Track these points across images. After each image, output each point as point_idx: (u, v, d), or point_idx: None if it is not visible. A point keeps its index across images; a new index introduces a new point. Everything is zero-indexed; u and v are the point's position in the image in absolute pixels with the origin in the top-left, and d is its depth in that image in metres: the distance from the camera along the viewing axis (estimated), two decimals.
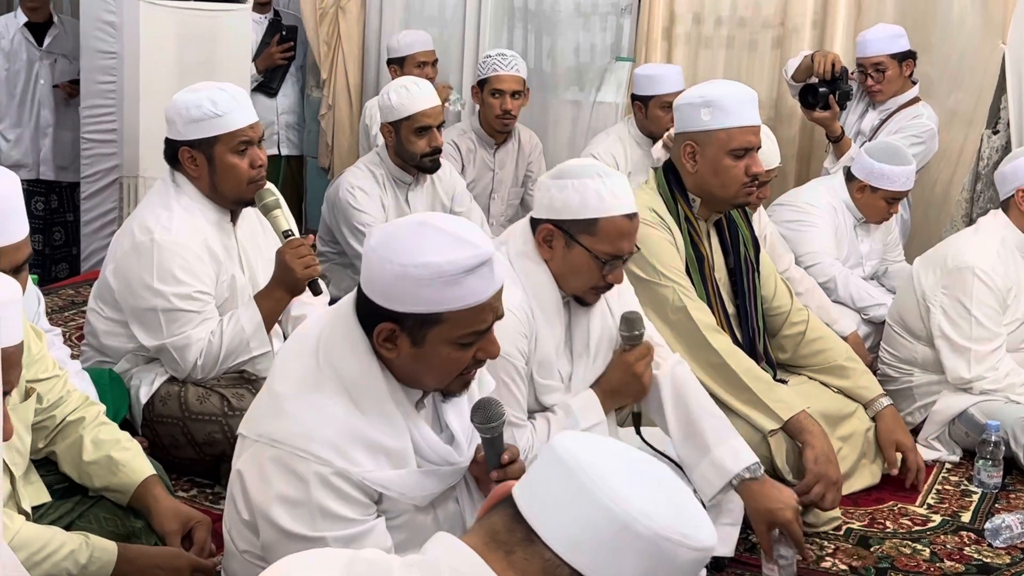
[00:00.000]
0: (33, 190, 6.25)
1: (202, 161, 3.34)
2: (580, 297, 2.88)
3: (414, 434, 2.18)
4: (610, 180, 2.77)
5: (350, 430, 2.09)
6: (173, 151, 3.37)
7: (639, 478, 1.36)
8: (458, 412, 2.31)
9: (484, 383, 2.45)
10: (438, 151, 4.43)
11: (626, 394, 2.92)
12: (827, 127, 5.14)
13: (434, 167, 4.46)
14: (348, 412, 2.10)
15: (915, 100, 5.19)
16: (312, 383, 2.13)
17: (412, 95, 4.34)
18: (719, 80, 3.55)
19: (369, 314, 2.11)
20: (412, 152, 4.37)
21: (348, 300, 2.19)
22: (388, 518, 2.18)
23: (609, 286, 2.84)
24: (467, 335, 2.10)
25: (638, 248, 2.90)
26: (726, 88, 3.42)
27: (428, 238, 2.05)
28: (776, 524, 2.87)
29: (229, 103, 3.33)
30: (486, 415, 2.21)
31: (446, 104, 5.26)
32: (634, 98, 5.38)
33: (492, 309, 2.11)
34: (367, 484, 2.10)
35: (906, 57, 5.14)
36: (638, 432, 2.92)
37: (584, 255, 2.77)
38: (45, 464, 2.60)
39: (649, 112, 5.24)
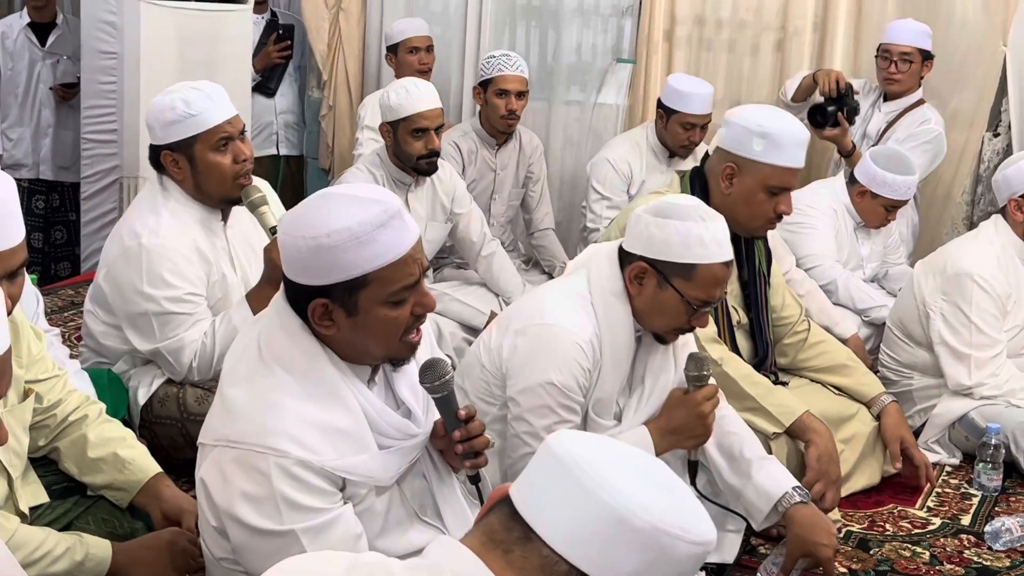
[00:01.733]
0: (34, 188, 6.26)
1: (184, 163, 3.33)
2: (662, 337, 2.85)
3: (368, 411, 2.17)
4: (713, 225, 2.73)
5: (304, 418, 2.08)
6: (156, 156, 3.37)
7: (636, 473, 1.36)
8: (411, 386, 2.29)
9: (433, 347, 2.43)
10: (435, 154, 4.41)
11: (686, 436, 2.84)
12: (839, 144, 5.10)
13: (430, 170, 4.45)
14: (299, 401, 2.09)
15: (920, 102, 5.19)
16: (260, 379, 2.12)
17: (411, 96, 4.33)
18: (778, 111, 3.44)
19: (299, 297, 2.11)
20: (408, 154, 4.36)
21: (279, 293, 2.19)
22: (354, 503, 2.17)
23: (692, 329, 2.82)
24: (397, 291, 2.09)
25: (726, 294, 2.88)
26: (785, 125, 3.31)
27: (332, 206, 2.07)
28: (813, 557, 2.85)
29: (203, 101, 3.30)
30: (434, 375, 2.22)
31: None
32: (659, 104, 5.26)
33: (415, 261, 2.10)
34: (329, 471, 2.09)
35: (929, 57, 5.15)
36: (693, 484, 2.85)
37: (675, 299, 2.74)
38: (44, 464, 2.59)
39: (668, 125, 5.17)
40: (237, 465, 2.07)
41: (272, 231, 3.36)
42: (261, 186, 3.42)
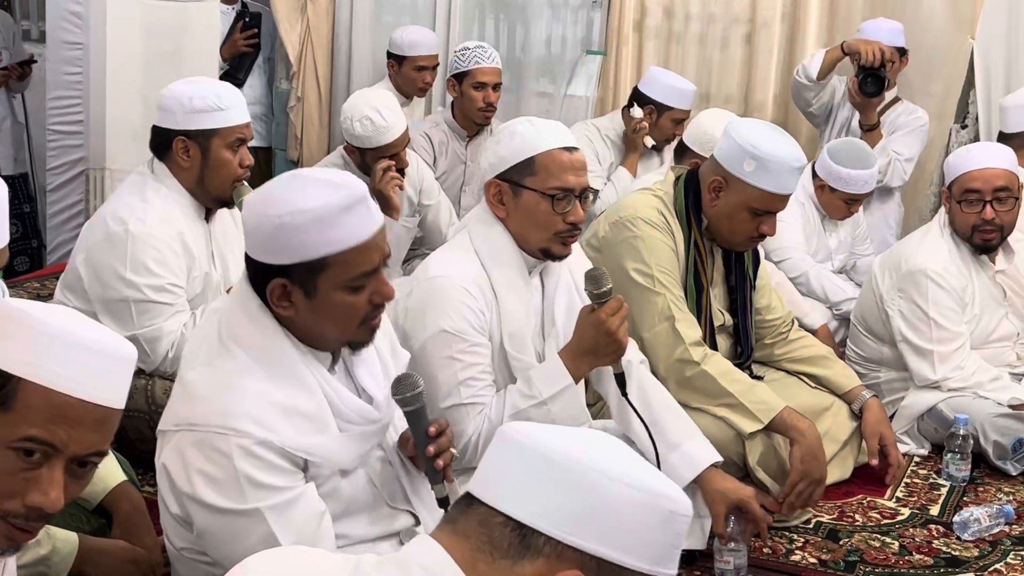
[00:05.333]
0: None
1: (196, 153, 3.32)
2: (549, 250, 2.83)
3: (330, 394, 2.17)
4: (539, 122, 2.83)
5: (264, 399, 2.08)
6: (165, 140, 3.34)
7: (572, 433, 1.39)
8: (372, 374, 2.30)
9: (399, 354, 2.44)
10: (402, 171, 4.37)
11: (601, 354, 2.77)
12: (868, 115, 5.03)
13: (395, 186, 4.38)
14: (259, 383, 2.09)
15: (896, 100, 5.21)
16: (219, 362, 2.12)
17: (377, 129, 4.23)
18: (775, 132, 3.35)
19: (259, 276, 2.11)
20: (375, 171, 4.30)
21: (241, 278, 2.19)
22: (317, 483, 2.16)
23: (572, 229, 2.80)
24: (356, 277, 2.10)
25: (594, 189, 2.86)
26: (778, 148, 3.24)
27: (299, 187, 2.08)
28: (734, 503, 2.87)
29: (231, 99, 3.34)
30: (401, 388, 2.22)
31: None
32: (647, 100, 5.25)
33: (377, 248, 2.11)
34: (290, 452, 2.09)
35: (905, 53, 5.16)
36: (624, 395, 2.80)
37: (533, 197, 2.76)
38: None
39: (660, 121, 5.20)
40: (198, 448, 2.07)
41: None
42: (248, 187, 3.41)
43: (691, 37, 5.99)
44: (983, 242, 3.94)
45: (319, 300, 2.09)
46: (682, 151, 4.84)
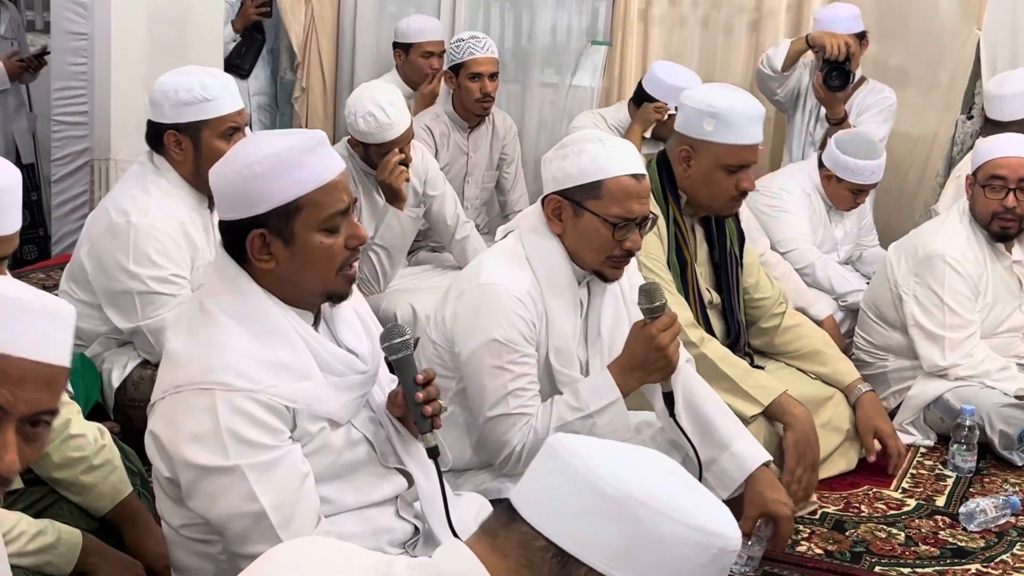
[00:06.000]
0: None
1: (188, 145, 3.31)
2: (600, 272, 2.81)
3: (313, 347, 2.18)
4: (611, 143, 2.76)
5: (248, 353, 2.10)
6: (157, 134, 3.33)
7: (625, 453, 1.35)
8: (354, 333, 2.32)
9: (378, 326, 2.44)
10: (406, 164, 4.36)
11: (650, 370, 2.74)
12: (833, 109, 5.01)
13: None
14: (244, 340, 2.11)
15: (863, 79, 5.19)
16: (201, 329, 2.14)
17: (381, 126, 4.19)
18: (728, 89, 3.43)
19: (236, 235, 2.15)
20: (379, 166, 4.29)
21: (216, 249, 2.24)
22: (305, 442, 2.16)
23: (627, 255, 2.78)
24: (330, 216, 2.13)
25: (654, 215, 2.83)
26: (734, 102, 3.30)
27: (258, 140, 2.16)
28: (769, 514, 2.85)
29: (219, 88, 3.31)
30: (389, 336, 2.25)
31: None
32: (651, 99, 5.21)
33: (344, 188, 2.17)
34: (276, 401, 2.09)
35: (864, 36, 5.14)
36: (672, 415, 2.78)
37: (594, 221, 2.73)
38: None
39: (666, 121, 5.16)
40: (183, 406, 2.09)
41: None
42: None
43: (695, 24, 5.97)
44: (1001, 230, 3.96)
45: (298, 245, 2.13)
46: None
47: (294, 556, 1.45)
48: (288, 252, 2.13)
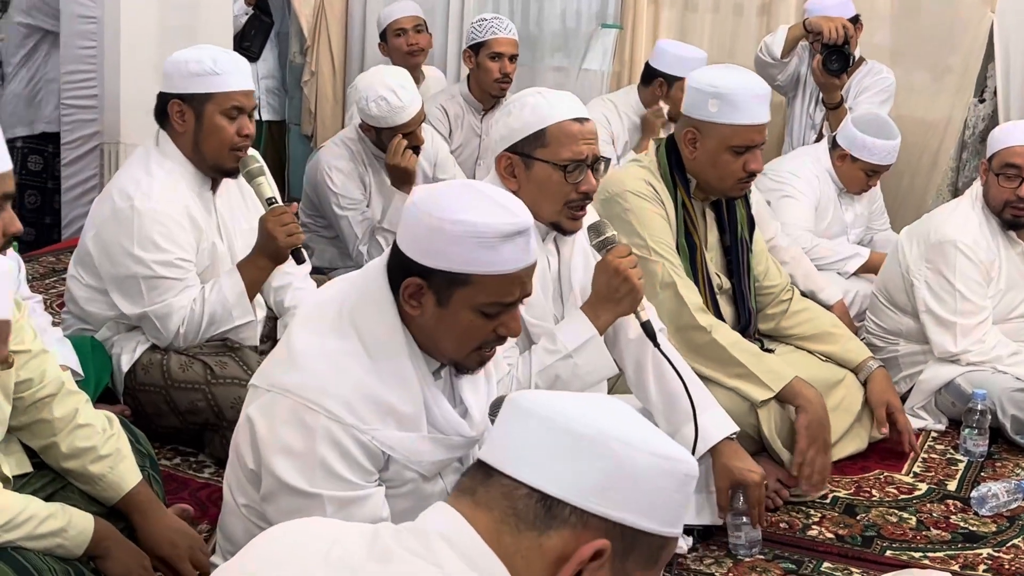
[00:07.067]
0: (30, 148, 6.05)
1: (190, 117, 3.30)
2: (558, 223, 2.83)
3: (428, 401, 2.17)
4: (549, 93, 2.81)
5: (364, 389, 2.09)
6: (164, 105, 3.34)
7: (582, 399, 1.40)
8: (474, 389, 2.30)
9: (499, 365, 2.45)
10: (417, 149, 4.35)
11: (617, 300, 2.80)
12: (831, 94, 5.02)
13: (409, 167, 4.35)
14: (365, 371, 2.10)
15: (862, 60, 5.16)
16: (332, 339, 2.12)
17: (392, 108, 4.20)
18: (733, 69, 3.41)
19: (399, 268, 2.10)
20: (390, 150, 4.28)
21: (380, 259, 2.18)
22: (392, 486, 2.17)
23: (583, 199, 2.80)
24: (492, 304, 2.08)
25: (607, 158, 2.85)
26: (738, 81, 3.29)
27: (470, 198, 2.05)
28: (738, 483, 2.88)
29: (229, 64, 3.32)
30: (499, 408, 2.20)
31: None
32: (658, 74, 5.20)
33: (521, 284, 2.09)
34: (375, 444, 2.09)
35: (856, 20, 5.12)
36: (655, 344, 2.80)
37: (545, 169, 2.76)
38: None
39: (671, 93, 5.14)
40: (287, 415, 2.08)
41: (268, 202, 3.34)
42: (255, 156, 3.39)
43: (706, 6, 5.96)
44: (1013, 218, 3.94)
45: (447, 312, 2.08)
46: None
47: (289, 533, 1.46)
48: (436, 312, 2.09)
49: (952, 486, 3.52)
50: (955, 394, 3.87)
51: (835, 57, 4.92)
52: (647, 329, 2.79)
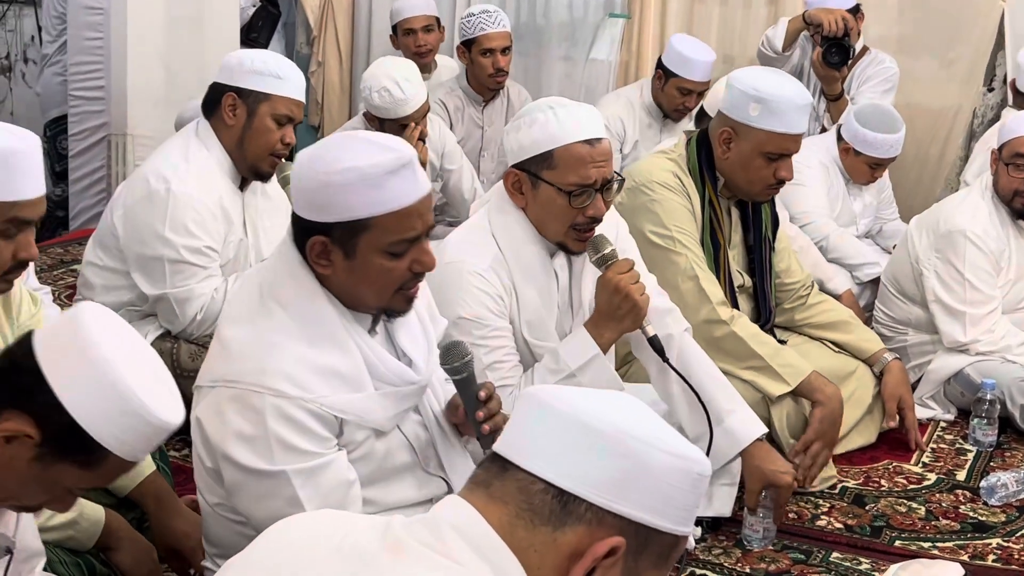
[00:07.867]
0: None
1: (242, 112, 3.33)
2: (563, 244, 2.78)
3: (368, 355, 2.16)
4: (562, 110, 2.70)
5: (302, 359, 2.08)
6: (217, 96, 3.35)
7: (599, 396, 1.40)
8: (411, 338, 2.28)
9: (437, 320, 2.42)
10: (422, 139, 4.35)
11: (620, 317, 2.75)
12: (831, 86, 5.02)
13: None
14: (297, 342, 2.09)
15: (865, 49, 5.15)
16: (259, 320, 2.12)
17: (395, 100, 4.21)
18: (777, 74, 3.38)
19: (302, 233, 2.11)
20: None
21: (286, 236, 2.18)
22: (351, 449, 2.16)
23: (590, 223, 2.73)
24: (397, 243, 2.08)
25: (620, 176, 2.80)
26: (783, 89, 3.23)
27: (349, 146, 2.08)
28: (772, 485, 2.88)
29: (291, 73, 3.37)
30: (450, 357, 2.22)
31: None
32: (659, 64, 5.16)
33: (419, 216, 2.09)
34: (325, 411, 2.09)
35: (857, 10, 5.10)
36: (664, 359, 2.78)
37: (550, 191, 2.70)
38: None
39: (666, 87, 5.10)
40: (233, 404, 2.08)
41: None
42: (291, 165, 3.41)
43: None
44: (1023, 207, 3.92)
45: (357, 262, 2.08)
46: (701, 118, 4.79)
47: (298, 526, 1.45)
48: (346, 265, 2.09)
49: (961, 476, 3.52)
50: (964, 384, 3.87)
51: (835, 50, 4.92)
52: (655, 345, 2.77)
